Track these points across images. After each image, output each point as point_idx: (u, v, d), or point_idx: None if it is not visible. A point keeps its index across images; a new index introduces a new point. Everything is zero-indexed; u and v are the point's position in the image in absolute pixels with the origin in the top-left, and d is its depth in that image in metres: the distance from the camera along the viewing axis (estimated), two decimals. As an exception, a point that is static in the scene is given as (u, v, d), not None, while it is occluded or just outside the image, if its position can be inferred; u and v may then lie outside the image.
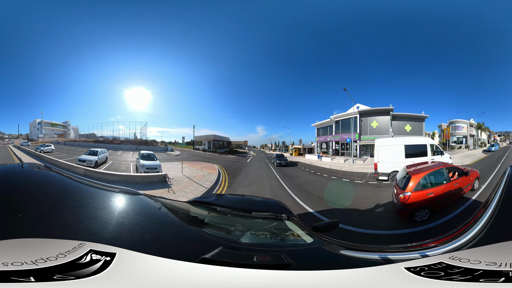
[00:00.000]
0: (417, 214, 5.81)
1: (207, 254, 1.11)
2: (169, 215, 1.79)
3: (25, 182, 1.70)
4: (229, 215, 2.23)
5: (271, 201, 3.11)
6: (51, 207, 1.38)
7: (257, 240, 1.77)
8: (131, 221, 1.46)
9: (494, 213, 1.31)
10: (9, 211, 1.20)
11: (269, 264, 1.19)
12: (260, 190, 11.04)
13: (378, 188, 10.49)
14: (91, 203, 1.61)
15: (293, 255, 1.31)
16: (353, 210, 7.33)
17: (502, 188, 1.62)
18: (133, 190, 2.08)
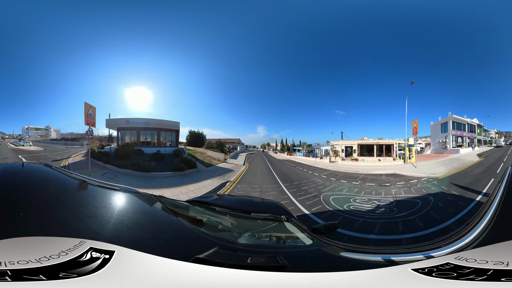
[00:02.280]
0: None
1: (201, 254, 1.11)
2: (168, 214, 1.79)
3: (26, 181, 1.71)
4: (228, 215, 2.23)
5: (271, 203, 3.11)
6: (52, 206, 1.39)
7: (255, 241, 1.77)
8: (131, 220, 1.47)
9: (496, 212, 1.31)
10: (10, 210, 1.21)
11: (263, 265, 1.18)
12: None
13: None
14: (91, 201, 1.61)
15: (291, 257, 1.30)
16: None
17: (503, 187, 1.64)
18: (133, 189, 2.09)
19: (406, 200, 8.74)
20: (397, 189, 10.71)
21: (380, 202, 8.61)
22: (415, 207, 7.47)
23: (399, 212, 7.10)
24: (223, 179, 13.99)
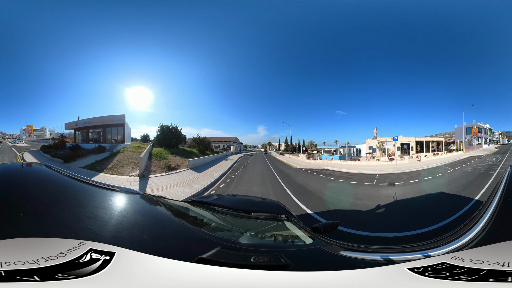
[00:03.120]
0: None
1: (204, 254, 1.11)
2: (168, 215, 1.79)
3: (25, 181, 1.70)
4: (229, 215, 2.23)
5: (271, 202, 3.11)
6: (51, 206, 1.38)
7: (256, 240, 1.77)
8: (131, 221, 1.46)
9: (495, 212, 1.31)
10: (9, 211, 1.20)
11: (266, 264, 1.18)
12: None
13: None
14: (91, 202, 1.61)
15: (292, 256, 1.31)
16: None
17: (502, 187, 1.64)
18: (133, 190, 2.09)
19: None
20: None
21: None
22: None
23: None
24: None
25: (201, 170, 15.94)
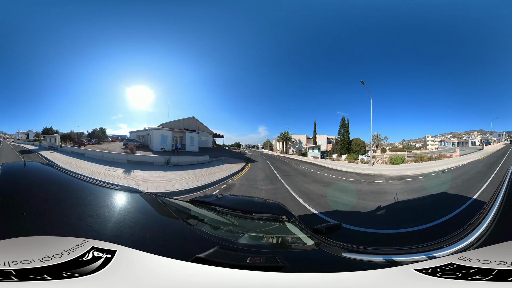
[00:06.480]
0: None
1: (201, 254, 1.12)
2: (169, 214, 1.79)
3: (28, 181, 1.71)
4: (229, 215, 2.23)
5: (272, 203, 3.10)
6: (54, 205, 1.38)
7: (256, 241, 1.76)
8: (132, 219, 1.46)
9: (499, 212, 1.31)
10: (13, 210, 1.21)
11: (262, 265, 1.18)
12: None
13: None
14: (93, 201, 1.61)
15: (291, 257, 1.30)
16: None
17: (505, 186, 1.63)
18: (135, 189, 2.09)
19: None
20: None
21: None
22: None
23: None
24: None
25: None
